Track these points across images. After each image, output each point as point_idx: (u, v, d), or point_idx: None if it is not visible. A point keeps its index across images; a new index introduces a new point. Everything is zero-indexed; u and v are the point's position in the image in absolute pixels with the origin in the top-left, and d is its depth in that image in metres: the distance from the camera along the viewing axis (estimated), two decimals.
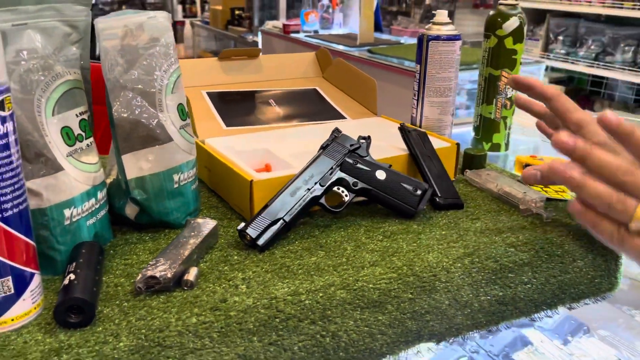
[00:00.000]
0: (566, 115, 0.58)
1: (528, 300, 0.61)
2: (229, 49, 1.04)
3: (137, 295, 0.51)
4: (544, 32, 3.57)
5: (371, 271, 0.56)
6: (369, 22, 2.48)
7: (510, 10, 0.91)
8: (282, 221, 0.62)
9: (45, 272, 0.55)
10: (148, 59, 0.61)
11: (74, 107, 0.57)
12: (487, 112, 0.96)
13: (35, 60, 0.53)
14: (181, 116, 0.65)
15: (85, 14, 0.59)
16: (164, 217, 0.64)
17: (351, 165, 0.68)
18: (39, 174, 0.52)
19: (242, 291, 0.53)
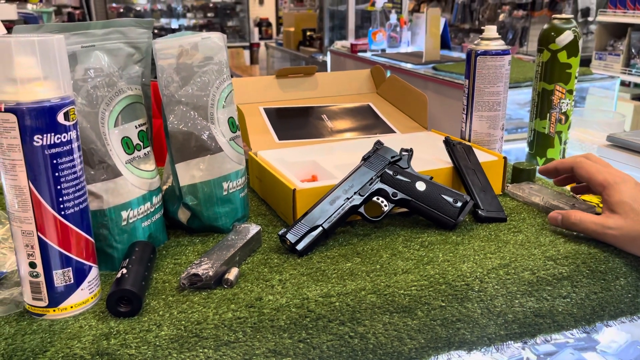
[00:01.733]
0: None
1: (567, 314, 0.60)
2: (286, 67, 1.10)
3: (181, 291, 0.56)
4: (625, 47, 3.40)
5: (403, 278, 0.58)
6: (435, 40, 2.48)
7: (564, 24, 0.90)
8: (321, 228, 0.65)
9: (105, 267, 0.61)
10: (202, 76, 0.67)
11: (134, 120, 0.63)
12: (540, 127, 0.95)
13: (101, 78, 0.60)
14: (231, 128, 0.69)
15: (147, 36, 0.66)
16: (213, 222, 0.69)
17: (391, 176, 0.70)
18: (100, 178, 0.59)
19: (277, 291, 0.56)
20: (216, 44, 0.68)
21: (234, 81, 1.05)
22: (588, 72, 2.18)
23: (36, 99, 0.47)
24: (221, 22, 8.01)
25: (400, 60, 2.65)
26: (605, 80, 2.17)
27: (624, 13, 3.33)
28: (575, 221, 0.65)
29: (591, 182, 0.66)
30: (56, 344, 0.48)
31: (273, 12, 8.39)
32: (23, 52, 0.46)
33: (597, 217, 0.64)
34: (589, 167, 0.67)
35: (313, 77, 1.10)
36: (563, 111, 0.93)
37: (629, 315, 0.64)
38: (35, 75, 0.47)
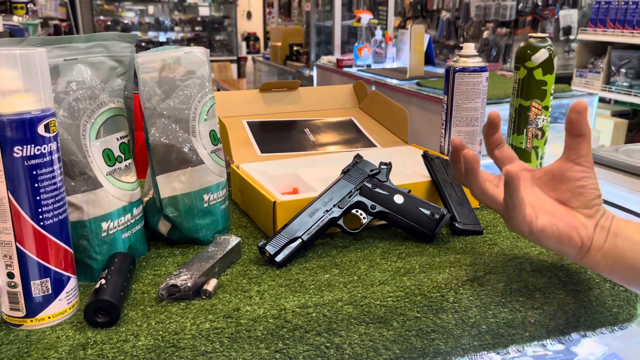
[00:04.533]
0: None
1: (539, 325, 0.61)
2: (269, 82, 1.11)
3: (159, 302, 0.57)
4: (605, 65, 3.48)
5: (380, 289, 0.59)
6: (419, 56, 2.52)
7: (539, 42, 0.93)
8: (300, 240, 0.66)
9: (84, 278, 0.61)
10: (184, 89, 0.68)
11: (115, 132, 0.64)
12: (517, 142, 0.97)
13: (83, 91, 0.60)
14: (213, 141, 0.70)
15: (130, 50, 0.67)
16: (193, 234, 0.69)
17: (370, 189, 0.71)
18: (81, 189, 0.59)
19: (255, 302, 0.56)
20: (198, 58, 0.69)
21: (218, 94, 1.06)
22: (567, 89, 2.23)
23: (17, 111, 0.47)
24: (209, 36, 8.04)
25: (385, 76, 2.69)
26: (585, 97, 2.22)
27: (604, 32, 3.41)
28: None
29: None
30: (33, 354, 0.48)
31: (261, 27, 8.45)
32: (5, 64, 0.47)
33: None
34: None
35: (296, 91, 1.12)
36: (539, 127, 0.95)
37: (608, 326, 0.65)
38: (16, 88, 0.48)
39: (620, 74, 3.40)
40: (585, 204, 0.57)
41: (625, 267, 0.57)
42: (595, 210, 0.57)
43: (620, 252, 0.56)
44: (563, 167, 0.58)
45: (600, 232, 0.57)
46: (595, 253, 0.57)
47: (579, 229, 0.57)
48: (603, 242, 0.57)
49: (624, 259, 0.56)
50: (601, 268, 0.58)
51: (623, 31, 3.29)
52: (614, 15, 3.33)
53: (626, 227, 0.57)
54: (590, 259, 0.57)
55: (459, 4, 4.91)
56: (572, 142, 0.58)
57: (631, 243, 0.56)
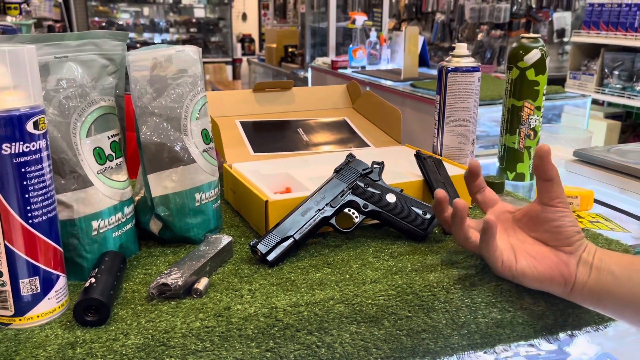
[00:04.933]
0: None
1: (527, 325, 0.61)
2: (263, 82, 1.11)
3: (150, 300, 0.56)
4: (599, 67, 3.49)
5: (371, 287, 0.59)
6: (413, 57, 2.53)
7: (531, 43, 0.93)
8: (292, 239, 0.66)
9: (74, 277, 0.61)
10: (176, 88, 0.67)
11: (106, 130, 0.64)
12: (510, 142, 0.97)
13: (74, 89, 0.60)
14: (205, 140, 0.70)
15: (121, 48, 0.67)
16: (185, 233, 0.69)
17: (362, 188, 0.71)
18: (71, 188, 0.59)
19: (246, 300, 0.56)
20: (190, 57, 0.69)
21: (212, 94, 1.06)
22: (561, 91, 2.24)
23: (5, 108, 0.47)
24: (204, 38, 8.03)
25: (379, 77, 2.69)
26: (578, 99, 2.23)
27: (597, 34, 3.43)
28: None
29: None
30: (21, 353, 0.48)
31: (256, 29, 8.45)
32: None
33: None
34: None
35: (290, 91, 1.12)
36: (532, 127, 0.95)
37: (593, 325, 0.66)
38: (4, 84, 0.47)
39: (613, 76, 3.42)
40: (565, 242, 0.59)
41: (610, 301, 0.58)
42: (577, 247, 0.58)
43: (604, 288, 0.57)
44: (538, 209, 0.60)
45: (583, 268, 0.58)
46: (580, 289, 0.58)
47: (560, 268, 0.58)
48: (587, 278, 0.58)
49: (609, 294, 0.57)
50: (588, 303, 0.59)
51: (616, 33, 3.31)
52: (607, 17, 3.35)
53: (608, 260, 0.58)
54: (575, 295, 0.58)
55: (453, 6, 4.93)
56: (542, 186, 0.59)
57: (614, 278, 0.57)
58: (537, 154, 0.59)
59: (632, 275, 0.56)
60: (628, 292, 0.56)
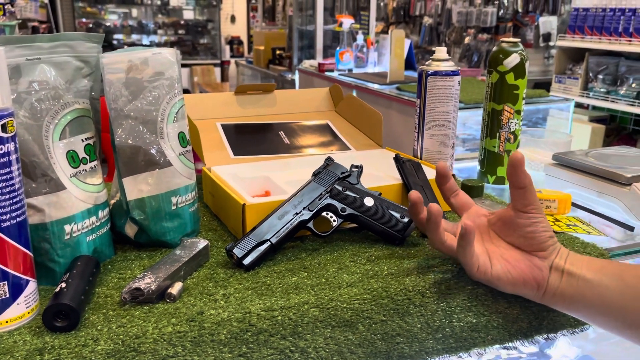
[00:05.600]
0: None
1: (502, 329, 0.62)
2: (245, 84, 1.11)
3: (122, 305, 0.56)
4: (584, 71, 3.53)
5: (347, 291, 0.59)
6: (399, 61, 2.54)
7: (511, 47, 0.94)
8: (269, 243, 0.65)
9: (45, 282, 0.60)
10: (152, 91, 0.67)
11: (80, 133, 0.63)
12: (490, 145, 0.98)
13: (46, 91, 0.59)
14: (181, 143, 0.70)
15: (96, 50, 0.66)
16: (161, 237, 0.69)
17: (340, 191, 0.71)
18: (42, 191, 0.58)
19: (220, 305, 0.56)
20: (167, 60, 0.69)
21: (193, 97, 1.06)
22: (544, 94, 2.25)
23: None
24: (192, 40, 8.01)
25: (366, 80, 2.70)
26: (562, 102, 2.25)
27: (582, 38, 3.46)
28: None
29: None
30: None
31: (245, 31, 8.44)
32: None
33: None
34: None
35: (272, 94, 1.11)
36: (512, 130, 0.96)
37: (569, 328, 0.66)
38: None
39: (598, 80, 3.46)
40: (538, 246, 0.59)
41: (581, 305, 0.58)
42: (550, 251, 0.59)
43: (576, 292, 0.57)
44: (512, 215, 0.60)
45: (555, 273, 0.59)
46: (552, 294, 0.59)
47: (533, 272, 0.59)
48: (559, 283, 0.58)
49: (581, 298, 0.58)
50: (560, 307, 0.60)
51: (600, 38, 3.34)
52: (592, 22, 3.39)
53: (580, 265, 0.58)
54: (548, 299, 0.59)
55: (441, 9, 4.95)
56: (516, 193, 0.59)
57: (585, 283, 0.57)
58: (510, 162, 0.59)
59: (602, 279, 0.57)
60: (599, 296, 0.56)
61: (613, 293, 0.56)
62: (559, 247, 0.60)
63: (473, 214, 0.65)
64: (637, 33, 3.13)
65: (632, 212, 0.81)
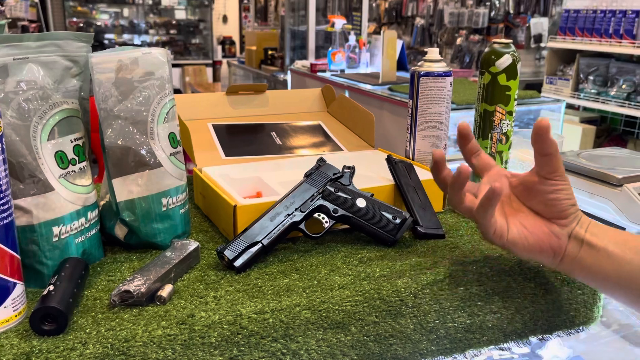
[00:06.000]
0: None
1: (497, 329, 0.61)
2: (236, 84, 1.10)
3: (111, 308, 0.55)
4: (574, 72, 3.55)
5: (339, 293, 0.58)
6: (391, 61, 2.54)
7: (503, 48, 0.94)
8: (260, 244, 0.65)
9: (34, 284, 0.59)
10: (142, 91, 0.66)
11: (69, 134, 0.62)
12: (482, 146, 0.97)
13: (34, 91, 0.59)
14: (172, 144, 0.69)
15: (85, 49, 0.65)
16: (151, 239, 0.68)
17: (332, 193, 0.71)
18: (30, 193, 0.57)
19: (211, 308, 0.55)
20: (158, 59, 0.68)
21: (184, 97, 1.05)
22: (536, 95, 2.26)
23: None
24: (184, 40, 7.97)
25: (358, 81, 2.70)
26: (553, 103, 2.26)
27: (572, 40, 3.48)
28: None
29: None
30: None
31: (237, 31, 8.42)
32: None
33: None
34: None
35: (264, 94, 1.11)
36: (504, 131, 0.96)
37: (565, 329, 0.66)
38: None
39: (589, 81, 3.48)
40: (558, 214, 0.58)
41: (600, 277, 0.57)
42: (571, 220, 0.58)
43: (594, 263, 0.57)
44: (535, 180, 0.59)
45: (574, 242, 0.58)
46: (569, 262, 0.58)
47: (551, 240, 0.58)
48: (577, 252, 0.57)
49: (600, 270, 0.57)
50: (576, 275, 0.59)
51: (591, 39, 3.36)
52: (583, 23, 3.41)
53: (603, 236, 0.57)
54: (565, 266, 0.58)
55: (433, 10, 4.96)
56: (540, 160, 0.58)
57: (607, 254, 0.56)
58: (535, 130, 0.57)
59: (625, 253, 0.56)
60: (618, 269, 0.55)
61: (634, 267, 0.55)
62: (580, 216, 0.58)
63: (495, 174, 0.63)
64: (627, 34, 3.15)
65: (623, 213, 0.81)
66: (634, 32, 3.12)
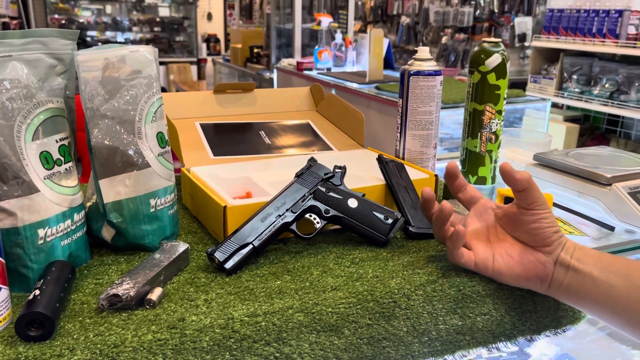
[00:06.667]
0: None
1: (486, 331, 0.61)
2: (224, 83, 1.09)
3: (100, 313, 0.54)
4: (558, 71, 3.58)
5: (332, 295, 0.58)
6: (378, 60, 2.54)
7: (492, 47, 0.94)
8: (251, 246, 0.64)
9: (19, 288, 0.57)
10: (129, 89, 0.65)
11: (54, 134, 0.61)
12: (472, 145, 0.97)
13: (18, 89, 0.57)
14: (160, 144, 0.68)
15: (71, 47, 0.64)
16: (139, 240, 0.66)
17: (324, 193, 0.70)
18: (14, 194, 0.56)
19: (202, 311, 0.54)
20: (145, 58, 0.67)
21: (171, 96, 1.03)
22: (522, 94, 2.28)
23: None
24: (169, 37, 7.90)
25: (345, 80, 2.69)
26: (539, 102, 2.27)
27: (557, 39, 3.51)
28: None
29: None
30: None
31: (222, 29, 8.36)
32: None
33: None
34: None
35: (252, 93, 1.10)
36: (493, 131, 0.96)
37: (552, 329, 0.66)
38: None
39: (572, 80, 3.51)
40: (542, 242, 0.60)
41: (587, 302, 0.59)
42: (555, 247, 0.59)
43: (581, 288, 0.58)
44: (517, 212, 0.61)
45: (560, 268, 0.59)
46: (557, 288, 0.59)
47: (537, 268, 0.59)
48: (563, 278, 0.59)
49: (587, 295, 0.58)
50: (565, 300, 0.61)
51: (575, 39, 3.39)
52: (567, 23, 3.44)
53: (588, 261, 0.59)
54: (553, 292, 0.60)
55: (418, 9, 4.98)
56: (518, 194, 0.60)
57: (592, 280, 0.58)
58: (501, 173, 0.61)
59: (609, 277, 0.57)
60: (604, 294, 0.57)
61: (619, 292, 0.56)
62: (564, 242, 0.60)
63: (481, 208, 0.65)
64: (610, 34, 3.19)
65: (612, 212, 0.81)
66: (617, 31, 3.15)
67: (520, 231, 0.61)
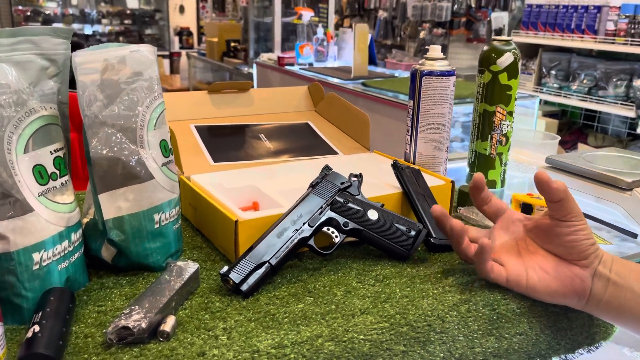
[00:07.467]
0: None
1: (522, 352, 0.57)
2: (219, 82, 1.02)
3: (107, 348, 0.48)
4: (537, 67, 3.60)
5: (362, 320, 0.53)
6: (363, 55, 2.49)
7: (504, 46, 0.90)
8: (268, 265, 0.58)
9: (12, 320, 0.51)
10: (130, 93, 0.59)
11: (48, 144, 0.54)
12: (482, 148, 0.94)
13: (7, 95, 0.50)
14: (164, 153, 0.62)
15: (64, 47, 0.57)
16: (143, 260, 0.60)
17: (342, 204, 0.65)
18: (6, 215, 0.49)
19: (223, 343, 0.49)
20: (147, 58, 0.60)
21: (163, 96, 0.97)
22: None
23: None
24: (139, 30, 7.70)
25: (328, 75, 2.64)
26: (527, 99, 2.26)
27: (535, 34, 3.52)
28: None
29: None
30: None
31: (194, 22, 8.19)
32: None
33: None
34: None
35: (248, 93, 1.04)
36: (504, 133, 0.92)
37: (585, 347, 0.63)
38: None
39: (551, 76, 3.53)
40: (578, 255, 0.56)
41: (628, 318, 0.56)
42: (592, 260, 0.56)
43: (623, 304, 0.55)
44: (551, 223, 0.57)
45: (599, 282, 0.56)
46: (596, 303, 0.56)
47: (574, 283, 0.56)
48: (603, 293, 0.56)
49: (627, 310, 0.55)
50: (604, 316, 0.58)
51: (553, 34, 3.41)
52: (545, 18, 3.45)
53: (628, 275, 0.56)
54: (591, 308, 0.57)
55: (396, 3, 4.95)
56: (552, 205, 0.56)
57: (634, 294, 0.55)
58: (537, 184, 0.57)
59: None
60: None
61: None
62: (601, 254, 0.56)
63: (507, 220, 0.61)
64: (589, 30, 3.21)
65: (634, 218, 0.78)
66: (595, 27, 3.18)
67: (554, 244, 0.57)
